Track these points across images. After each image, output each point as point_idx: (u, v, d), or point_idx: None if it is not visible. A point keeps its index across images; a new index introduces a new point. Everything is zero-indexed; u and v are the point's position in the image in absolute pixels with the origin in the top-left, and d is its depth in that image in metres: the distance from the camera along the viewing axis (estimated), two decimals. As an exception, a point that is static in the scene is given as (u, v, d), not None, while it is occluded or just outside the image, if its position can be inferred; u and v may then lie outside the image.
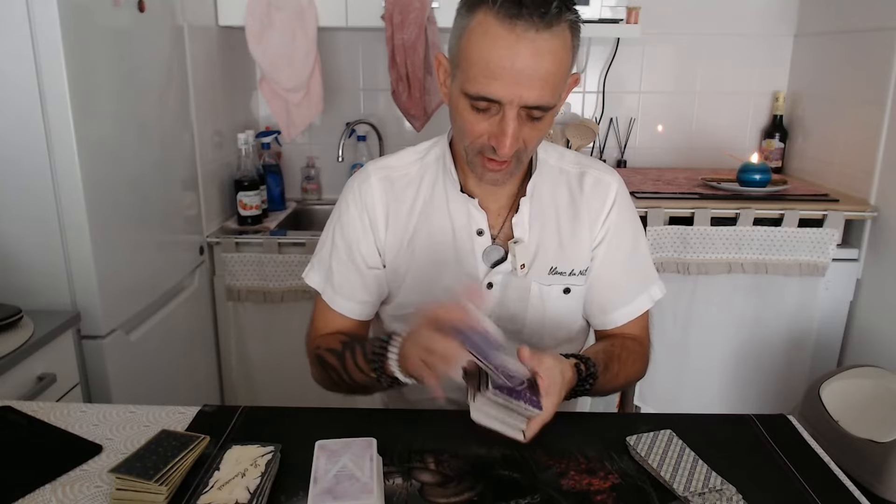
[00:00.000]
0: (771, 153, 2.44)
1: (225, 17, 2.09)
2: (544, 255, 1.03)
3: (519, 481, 0.81)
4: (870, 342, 1.97)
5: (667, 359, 2.07)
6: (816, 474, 0.84)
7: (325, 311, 1.08)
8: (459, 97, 0.90)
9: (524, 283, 1.03)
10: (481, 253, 1.03)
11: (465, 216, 1.02)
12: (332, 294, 1.07)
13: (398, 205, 1.05)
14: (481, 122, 0.89)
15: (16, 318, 1.29)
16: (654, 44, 2.43)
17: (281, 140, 2.42)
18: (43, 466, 0.82)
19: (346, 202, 1.07)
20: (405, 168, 1.07)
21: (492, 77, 0.84)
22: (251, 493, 0.74)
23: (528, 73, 0.84)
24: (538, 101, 0.86)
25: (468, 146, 0.93)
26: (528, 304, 1.04)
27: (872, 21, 1.97)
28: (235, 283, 2.07)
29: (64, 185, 1.38)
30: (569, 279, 1.04)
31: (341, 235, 1.07)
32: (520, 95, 0.85)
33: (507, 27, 0.83)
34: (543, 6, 0.82)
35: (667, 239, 1.96)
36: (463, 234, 1.03)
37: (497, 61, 0.84)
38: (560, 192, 1.05)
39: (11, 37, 1.29)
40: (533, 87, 0.85)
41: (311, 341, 1.08)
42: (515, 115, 0.87)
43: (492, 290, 1.03)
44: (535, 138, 0.92)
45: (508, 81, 0.84)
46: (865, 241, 1.98)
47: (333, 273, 1.07)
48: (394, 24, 2.09)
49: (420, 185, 1.05)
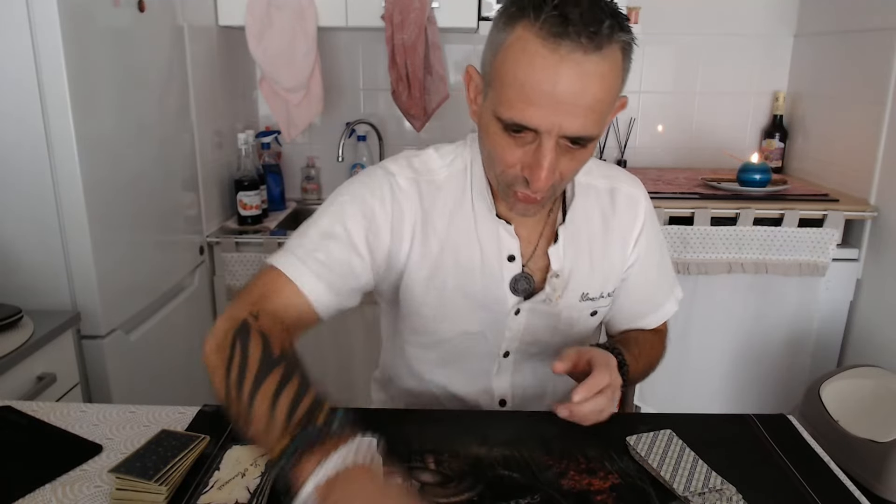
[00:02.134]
0: (771, 153, 2.44)
1: (225, 17, 2.09)
2: (577, 281, 0.97)
3: (519, 481, 0.81)
4: (870, 342, 1.97)
5: (667, 359, 2.06)
6: (816, 474, 0.84)
7: (273, 285, 0.85)
8: (491, 120, 0.80)
9: (554, 310, 0.98)
10: (510, 279, 0.95)
11: (494, 240, 0.94)
12: (301, 267, 0.86)
13: (428, 216, 0.93)
14: (514, 150, 0.80)
15: (16, 318, 1.29)
16: (654, 44, 2.43)
17: (281, 140, 2.42)
18: (43, 466, 0.82)
19: (366, 195, 0.91)
20: (432, 174, 0.95)
21: (529, 103, 0.75)
22: (251, 493, 0.74)
23: (570, 101, 0.74)
24: (580, 132, 0.77)
25: (499, 175, 0.85)
26: (556, 329, 1.00)
27: (872, 21, 1.97)
28: (235, 283, 2.07)
29: (64, 185, 1.38)
30: (598, 302, 1.01)
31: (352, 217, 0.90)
32: (560, 125, 0.75)
33: (550, 47, 0.73)
34: (593, 24, 0.72)
35: (667, 239, 1.96)
36: (492, 258, 0.94)
37: (536, 85, 0.74)
38: (592, 212, 0.98)
39: (11, 37, 1.29)
40: (575, 116, 0.75)
41: (245, 305, 0.81)
42: (553, 145, 0.78)
43: (518, 316, 0.97)
44: (574, 170, 0.84)
45: (548, 109, 0.75)
46: (865, 241, 1.98)
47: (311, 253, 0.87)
48: (394, 24, 2.09)
49: (448, 197, 0.94)
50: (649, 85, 2.48)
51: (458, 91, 2.40)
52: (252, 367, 0.71)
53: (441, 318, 0.97)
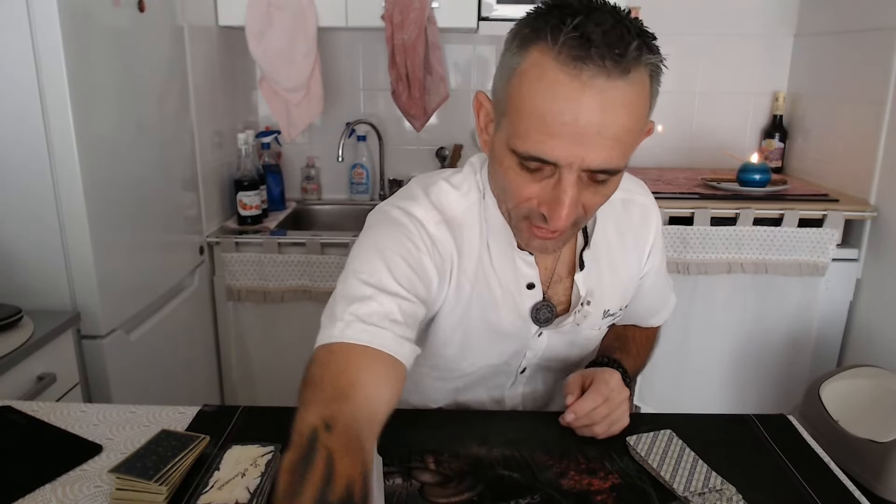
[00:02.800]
0: (771, 153, 2.43)
1: (225, 17, 2.09)
2: (599, 301, 0.94)
3: (519, 481, 0.81)
4: (870, 342, 1.97)
5: (667, 359, 2.07)
6: (816, 474, 0.84)
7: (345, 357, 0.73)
8: (505, 152, 0.73)
9: (576, 330, 0.95)
10: (530, 308, 0.91)
11: (511, 270, 0.89)
12: (376, 329, 0.74)
13: (461, 258, 0.87)
14: (531, 185, 0.73)
15: (16, 318, 1.29)
16: (654, 44, 2.42)
17: (281, 140, 2.42)
18: (43, 466, 0.82)
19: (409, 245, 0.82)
20: (451, 209, 0.87)
21: (548, 135, 0.68)
22: (251, 493, 0.74)
23: (594, 132, 0.67)
24: (604, 165, 0.70)
25: (512, 209, 0.79)
26: (575, 344, 0.99)
27: (872, 21, 1.97)
28: (235, 283, 2.07)
29: (64, 185, 1.38)
30: (616, 316, 1.00)
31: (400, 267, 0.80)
32: (582, 158, 0.69)
33: (571, 73, 0.66)
34: (619, 46, 0.65)
35: (667, 239, 1.95)
36: (511, 288, 0.90)
37: (556, 115, 0.67)
38: (607, 225, 0.94)
39: (11, 37, 1.29)
40: (600, 148, 0.68)
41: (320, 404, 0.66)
42: (575, 179, 0.71)
43: (541, 338, 0.95)
44: (598, 203, 0.76)
45: (569, 140, 0.68)
46: (865, 241, 1.98)
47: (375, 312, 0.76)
48: (394, 24, 2.09)
49: (470, 234, 0.88)
50: (649, 85, 2.48)
51: (457, 91, 2.41)
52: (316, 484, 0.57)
53: (465, 354, 0.94)
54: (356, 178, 2.51)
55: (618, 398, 0.88)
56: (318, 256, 2.03)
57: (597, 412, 0.87)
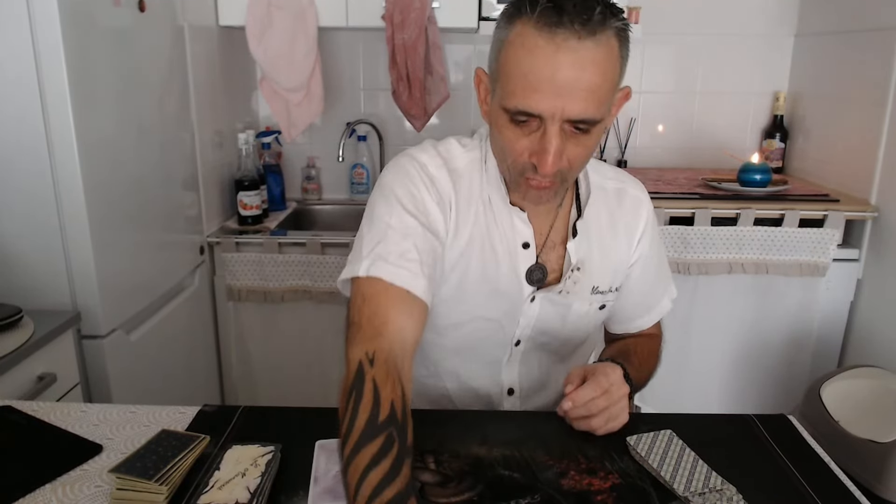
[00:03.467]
0: (771, 153, 2.43)
1: (225, 17, 2.09)
2: (588, 275, 1.01)
3: (519, 481, 0.81)
4: (870, 342, 1.97)
5: (667, 359, 2.05)
6: (816, 474, 0.84)
7: (384, 299, 0.85)
8: (499, 113, 0.85)
9: (566, 301, 1.01)
10: (525, 269, 0.99)
11: (509, 227, 0.98)
12: (394, 268, 0.86)
13: (458, 200, 0.96)
14: (522, 139, 0.85)
15: (16, 318, 1.29)
16: (655, 44, 2.43)
17: (281, 140, 2.42)
18: (43, 466, 0.82)
19: (405, 182, 0.94)
20: (454, 161, 0.98)
21: (531, 90, 0.80)
22: (251, 492, 0.74)
23: (570, 85, 0.79)
24: (582, 115, 0.81)
25: (510, 166, 0.89)
26: (567, 320, 1.03)
27: (872, 21, 1.97)
28: (235, 283, 2.07)
29: (64, 185, 1.38)
30: (606, 297, 1.04)
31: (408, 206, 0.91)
32: (562, 108, 0.80)
33: (547, 37, 0.78)
34: (585, 13, 0.77)
35: (667, 239, 1.95)
36: (508, 245, 0.98)
37: (537, 73, 0.79)
38: (601, 211, 1.02)
39: (11, 37, 1.29)
40: (576, 100, 0.80)
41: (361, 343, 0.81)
42: (558, 130, 0.82)
43: (533, 304, 1.00)
44: (581, 156, 0.86)
45: (549, 94, 0.79)
46: (866, 241, 1.98)
47: (392, 251, 0.88)
48: (394, 24, 2.09)
49: (469, 184, 0.98)
50: (649, 85, 2.48)
51: (458, 91, 2.40)
52: (356, 432, 0.71)
53: (459, 300, 0.99)
54: (357, 178, 2.51)
55: (617, 393, 0.89)
56: (319, 256, 2.03)
57: (595, 403, 0.88)
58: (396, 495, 0.66)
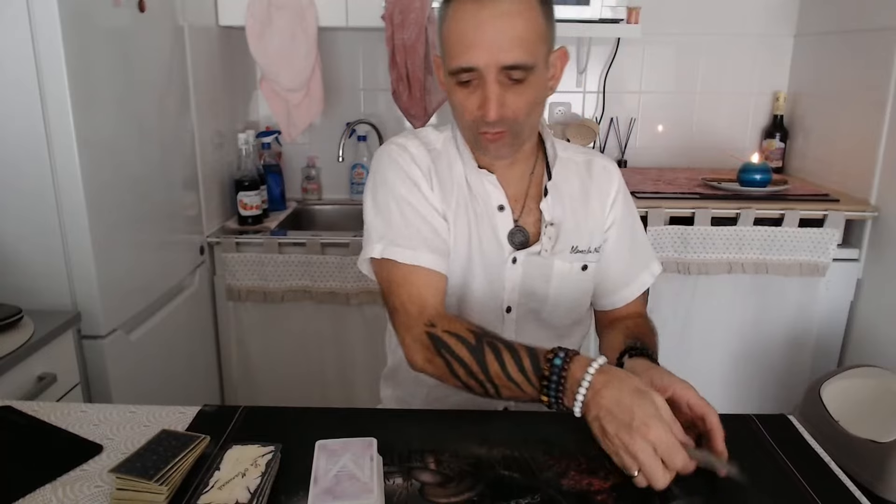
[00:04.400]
0: (771, 153, 2.43)
1: (225, 17, 2.09)
2: (566, 234, 1.08)
3: (519, 481, 0.81)
4: (870, 342, 1.97)
5: (667, 359, 2.06)
6: (816, 474, 0.84)
7: (423, 280, 0.98)
8: (449, 81, 0.96)
9: (547, 262, 1.07)
10: (506, 232, 1.06)
11: (483, 193, 1.05)
12: (413, 252, 0.99)
13: (438, 173, 1.06)
14: (470, 98, 0.95)
15: (16, 318, 1.29)
16: (655, 44, 2.43)
17: (281, 140, 2.42)
18: (43, 466, 0.82)
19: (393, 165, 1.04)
20: (432, 142, 1.09)
21: (465, 48, 0.91)
22: (251, 493, 0.74)
23: (497, 36, 0.90)
24: (513, 61, 0.90)
25: (467, 125, 0.98)
26: (551, 281, 1.08)
27: (872, 21, 1.97)
28: (236, 283, 2.07)
29: (64, 185, 1.38)
30: (587, 256, 1.10)
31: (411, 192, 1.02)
32: (495, 57, 0.90)
33: (474, 1, 0.90)
34: None
35: (667, 239, 1.95)
36: (485, 208, 1.06)
37: (469, 32, 0.91)
38: (572, 180, 1.10)
39: (11, 37, 1.29)
40: (506, 48, 0.90)
41: (418, 321, 0.95)
42: (494, 79, 0.91)
43: (515, 266, 1.07)
44: (523, 105, 0.95)
45: (481, 47, 0.90)
46: (866, 241, 1.98)
47: (402, 234, 1.00)
48: (394, 24, 2.09)
49: (447, 158, 1.07)
50: (649, 85, 2.48)
51: (458, 91, 2.40)
52: (472, 363, 0.89)
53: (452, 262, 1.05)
54: (357, 178, 2.51)
55: None
56: (319, 256, 2.03)
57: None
58: (529, 356, 0.86)
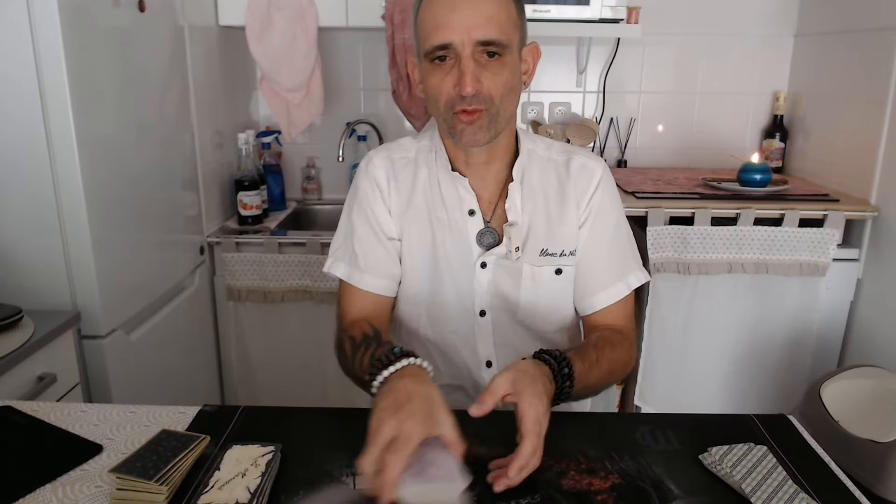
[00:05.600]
0: (771, 153, 2.43)
1: (225, 17, 2.09)
2: (535, 237, 1.07)
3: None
4: (870, 342, 1.97)
5: (667, 359, 2.07)
6: (816, 474, 0.84)
7: (352, 296, 1.09)
8: (423, 63, 0.99)
9: (516, 265, 1.07)
10: (475, 235, 1.07)
11: (456, 198, 1.07)
12: (360, 275, 1.08)
13: (398, 182, 1.10)
14: (446, 78, 0.96)
15: (16, 318, 1.29)
16: (655, 44, 2.43)
17: (281, 140, 2.42)
18: (43, 466, 0.82)
19: (357, 183, 1.12)
20: (403, 151, 1.12)
21: (439, 27, 0.94)
22: (251, 493, 0.74)
23: (471, 13, 0.93)
24: (487, 36, 0.93)
25: (443, 107, 0.98)
26: (521, 285, 1.08)
27: (872, 21, 1.97)
28: (236, 283, 2.07)
29: (64, 185, 1.38)
30: (559, 260, 1.08)
31: (359, 214, 1.10)
32: (468, 33, 0.93)
33: None
34: None
35: (667, 239, 1.95)
36: (455, 214, 1.07)
37: (444, 12, 0.94)
38: (548, 178, 1.10)
39: (11, 37, 1.29)
40: (480, 25, 0.93)
41: (340, 327, 1.08)
42: (470, 54, 0.94)
43: (485, 269, 1.08)
44: (499, 84, 0.96)
45: (454, 24, 0.93)
46: (866, 241, 1.98)
47: (357, 255, 1.09)
48: (394, 24, 2.09)
49: (417, 167, 1.10)
50: (649, 85, 2.48)
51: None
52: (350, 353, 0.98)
53: (413, 269, 1.10)
54: (356, 178, 2.51)
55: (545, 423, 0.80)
56: (319, 256, 2.03)
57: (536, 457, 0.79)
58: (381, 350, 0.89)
